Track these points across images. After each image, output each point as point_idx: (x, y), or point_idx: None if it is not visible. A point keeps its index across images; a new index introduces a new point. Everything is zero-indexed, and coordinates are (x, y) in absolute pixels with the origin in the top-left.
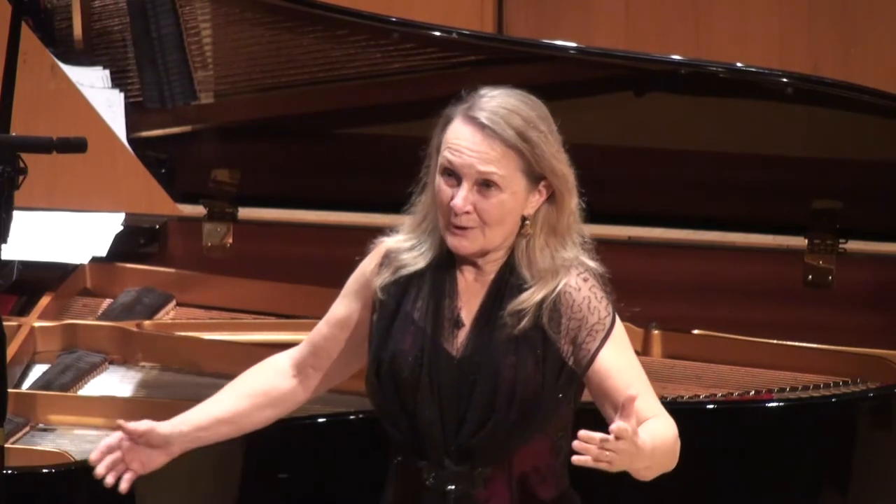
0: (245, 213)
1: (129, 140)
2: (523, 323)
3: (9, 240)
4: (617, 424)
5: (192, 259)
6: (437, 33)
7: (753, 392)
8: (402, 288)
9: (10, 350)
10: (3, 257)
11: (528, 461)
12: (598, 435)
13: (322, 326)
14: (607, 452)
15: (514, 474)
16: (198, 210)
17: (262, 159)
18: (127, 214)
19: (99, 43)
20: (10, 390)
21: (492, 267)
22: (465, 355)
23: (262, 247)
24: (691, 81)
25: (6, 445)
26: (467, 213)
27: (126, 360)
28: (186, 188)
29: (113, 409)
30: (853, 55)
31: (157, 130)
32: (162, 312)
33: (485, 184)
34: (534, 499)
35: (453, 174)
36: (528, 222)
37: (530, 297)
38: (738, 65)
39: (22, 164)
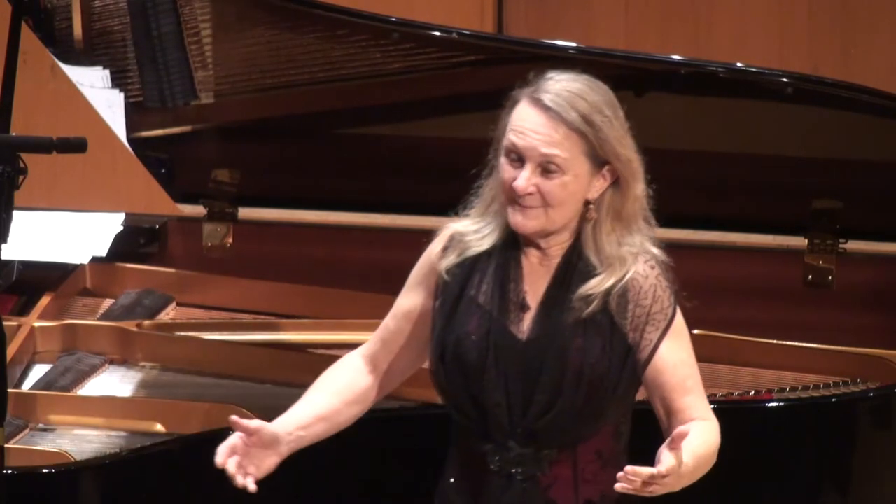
0: (245, 213)
1: (129, 140)
2: (591, 307)
3: (9, 240)
4: (666, 464)
5: (192, 259)
6: (437, 33)
7: (753, 392)
8: (466, 271)
9: (10, 350)
10: (3, 257)
11: (591, 445)
12: (644, 471)
13: (389, 321)
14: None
15: (577, 458)
16: (198, 210)
17: (262, 159)
18: (127, 214)
19: (99, 43)
20: (10, 390)
21: (557, 251)
22: (531, 338)
23: (262, 247)
24: (691, 81)
25: (6, 445)
26: (530, 193)
27: (126, 361)
28: (186, 188)
29: (113, 410)
30: (853, 55)
31: (157, 130)
32: (162, 314)
33: (547, 166)
34: (595, 482)
35: (517, 155)
36: (591, 206)
37: (599, 284)
38: (738, 65)
39: (22, 164)
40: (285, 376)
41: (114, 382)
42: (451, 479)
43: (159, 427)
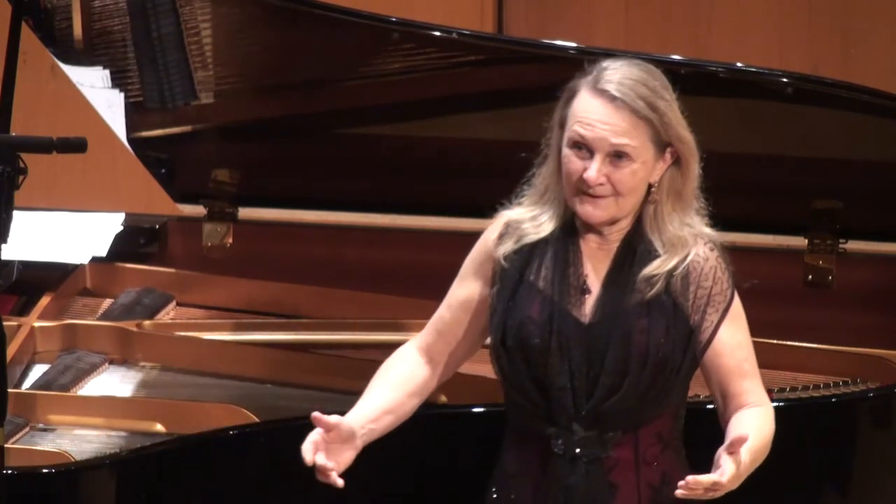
0: (245, 213)
1: (129, 140)
2: (655, 289)
3: (9, 240)
4: (727, 473)
5: (192, 259)
6: (437, 33)
7: None
8: (524, 257)
9: (10, 350)
10: (3, 257)
11: (652, 428)
12: (706, 479)
13: (444, 311)
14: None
15: (639, 441)
16: (198, 210)
17: (262, 159)
18: (127, 214)
19: (99, 43)
20: (10, 390)
21: (616, 235)
22: (594, 321)
23: (262, 247)
24: (691, 81)
25: (6, 445)
26: (601, 184)
27: (126, 360)
28: (186, 188)
29: (113, 410)
30: (853, 55)
31: (157, 130)
32: (162, 313)
33: (617, 155)
34: (655, 464)
35: (584, 147)
36: (654, 189)
37: (662, 265)
38: (738, 65)
39: (22, 164)
40: (285, 376)
41: (114, 382)
42: (510, 466)
43: (159, 427)
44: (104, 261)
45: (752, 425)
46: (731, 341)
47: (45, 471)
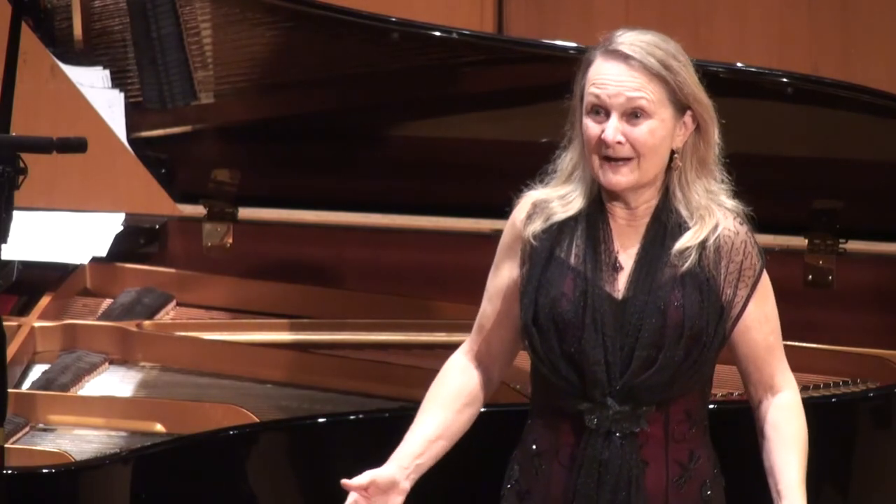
0: (245, 213)
1: (129, 140)
2: (689, 262)
3: (9, 240)
4: None
5: (192, 259)
6: (437, 33)
7: None
8: (553, 235)
9: (10, 350)
10: (3, 257)
11: (681, 405)
12: None
13: (485, 305)
14: None
15: (669, 418)
16: (198, 210)
17: (262, 159)
18: (127, 214)
19: (99, 43)
20: (10, 390)
21: (644, 210)
22: (628, 296)
23: (262, 247)
24: None
25: (6, 445)
26: (620, 143)
27: (126, 360)
28: (186, 188)
29: (113, 409)
30: (853, 55)
31: (157, 130)
32: (162, 313)
33: (634, 113)
34: (684, 442)
35: (601, 110)
36: (677, 155)
37: (694, 237)
38: (738, 65)
39: (22, 164)
40: (285, 376)
41: (114, 382)
42: (537, 445)
43: (159, 427)
44: (104, 261)
45: (796, 462)
46: (759, 315)
47: (45, 471)
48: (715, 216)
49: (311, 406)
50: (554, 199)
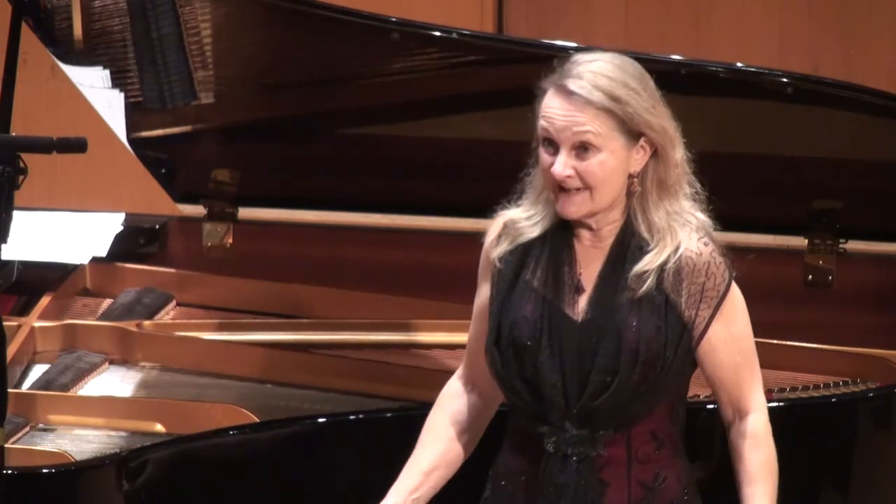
0: (245, 213)
1: (129, 140)
2: (646, 285)
3: (9, 240)
4: None
5: (192, 259)
6: (437, 33)
7: None
8: (519, 257)
9: (10, 350)
10: (3, 257)
11: (646, 426)
12: None
13: (471, 327)
14: None
15: (632, 439)
16: (198, 210)
17: (262, 159)
18: (127, 214)
19: (99, 43)
20: (10, 390)
21: (608, 231)
22: (586, 319)
23: (262, 247)
24: (691, 81)
25: (6, 445)
26: (569, 177)
27: (126, 360)
28: (186, 188)
29: (113, 409)
30: (853, 55)
31: (157, 130)
32: (162, 313)
33: (582, 146)
34: (649, 463)
35: (552, 143)
36: (635, 179)
37: (653, 260)
38: (738, 65)
39: (22, 164)
40: (285, 376)
41: (114, 382)
42: (504, 465)
43: (159, 427)
44: (104, 261)
45: (759, 495)
46: (725, 335)
47: (45, 471)
48: (677, 238)
49: (311, 406)
50: (522, 219)
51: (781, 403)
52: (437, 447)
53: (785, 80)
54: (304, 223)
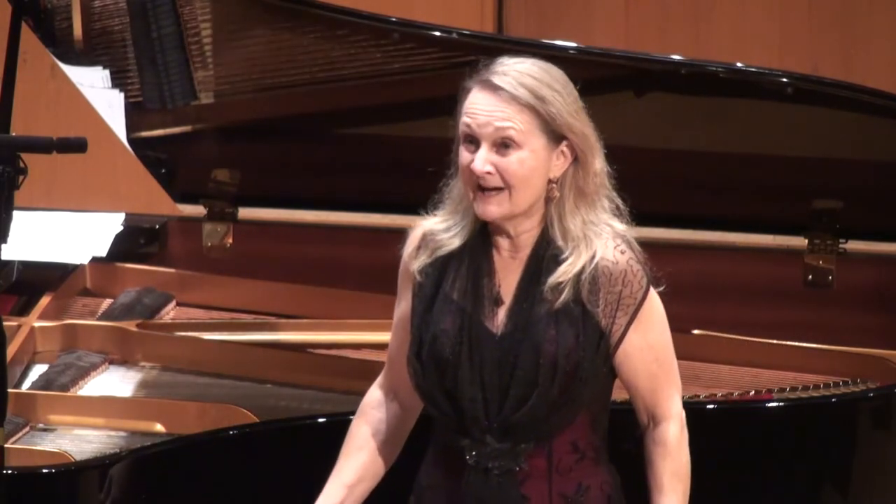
0: (245, 213)
1: (129, 140)
2: (563, 296)
3: (9, 240)
4: None
5: (192, 259)
6: (437, 33)
7: (753, 392)
8: (439, 269)
9: (10, 350)
10: (3, 257)
11: (566, 436)
12: None
13: (392, 338)
14: None
15: (553, 450)
16: (198, 210)
17: (262, 159)
18: (127, 214)
19: (99, 43)
20: (10, 390)
21: (526, 241)
22: (505, 332)
23: (262, 247)
24: (691, 81)
25: (6, 445)
26: (489, 173)
27: (126, 360)
28: (186, 188)
29: (113, 409)
30: (853, 55)
31: (157, 130)
32: (162, 313)
33: (504, 143)
34: (571, 475)
35: (473, 139)
36: (554, 185)
37: (568, 269)
38: (738, 65)
39: (22, 164)
40: (285, 376)
41: (114, 382)
42: (426, 478)
43: (159, 427)
44: (104, 261)
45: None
46: (641, 343)
47: (45, 471)
48: (592, 247)
49: (311, 406)
50: (440, 231)
51: (781, 403)
52: (361, 458)
53: (785, 80)
54: (304, 223)
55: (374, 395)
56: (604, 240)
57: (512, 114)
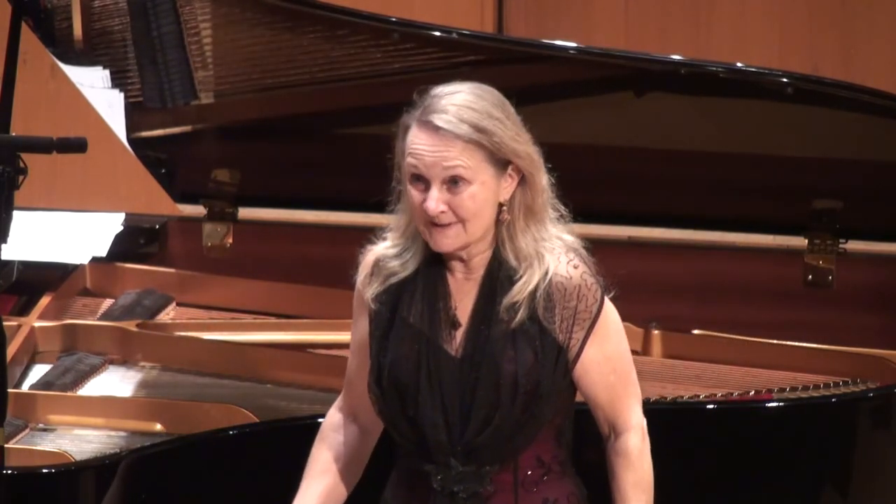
0: (245, 213)
1: (129, 140)
2: (519, 316)
3: (9, 240)
4: None
5: (192, 259)
6: (437, 33)
7: (753, 392)
8: (393, 295)
9: (10, 350)
10: (3, 257)
11: (531, 452)
12: None
13: (350, 361)
14: None
15: (518, 466)
16: (198, 210)
17: (262, 159)
18: (127, 214)
19: (99, 43)
20: (10, 390)
21: (479, 262)
22: (464, 355)
23: (262, 247)
24: (691, 81)
25: (6, 445)
26: (442, 212)
27: (126, 360)
28: (186, 188)
29: (113, 410)
30: (853, 55)
31: (157, 130)
32: (162, 314)
33: (453, 180)
34: (537, 490)
35: (421, 178)
36: (505, 208)
37: (523, 288)
38: (738, 65)
39: (22, 164)
40: (285, 376)
41: (114, 382)
42: (393, 499)
43: (159, 427)
44: (104, 261)
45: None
46: (598, 356)
47: (45, 471)
48: (545, 263)
49: (311, 406)
50: (390, 256)
51: (781, 403)
52: (324, 482)
53: (785, 80)
54: (304, 223)
55: (334, 418)
56: (556, 255)
57: (457, 153)
